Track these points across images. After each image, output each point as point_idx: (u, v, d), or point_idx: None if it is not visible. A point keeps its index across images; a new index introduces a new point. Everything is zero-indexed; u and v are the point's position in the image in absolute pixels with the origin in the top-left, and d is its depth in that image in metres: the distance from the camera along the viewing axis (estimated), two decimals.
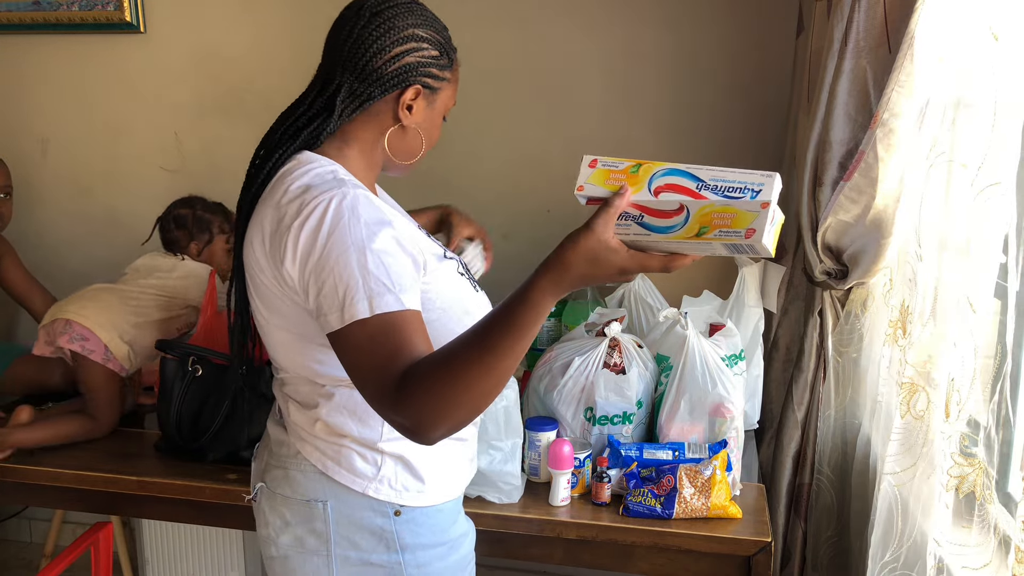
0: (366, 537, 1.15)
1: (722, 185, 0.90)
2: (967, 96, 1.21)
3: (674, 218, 0.90)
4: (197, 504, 1.61)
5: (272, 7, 2.26)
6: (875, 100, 1.41)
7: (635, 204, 0.92)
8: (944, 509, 1.17)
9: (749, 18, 2.05)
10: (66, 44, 2.39)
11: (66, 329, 1.74)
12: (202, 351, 1.67)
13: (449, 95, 1.19)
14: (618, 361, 1.55)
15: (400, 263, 1.00)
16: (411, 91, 1.12)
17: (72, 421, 1.75)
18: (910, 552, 1.28)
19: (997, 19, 1.11)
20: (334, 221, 1.00)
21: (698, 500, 1.43)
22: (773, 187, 0.89)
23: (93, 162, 2.46)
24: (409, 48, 1.11)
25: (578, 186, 0.96)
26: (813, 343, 1.68)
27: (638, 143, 2.17)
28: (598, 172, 0.96)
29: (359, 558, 1.15)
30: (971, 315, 1.12)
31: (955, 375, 1.15)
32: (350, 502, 1.14)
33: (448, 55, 1.16)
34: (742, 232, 0.87)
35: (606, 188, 0.94)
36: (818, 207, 1.56)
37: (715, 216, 0.89)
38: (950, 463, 1.14)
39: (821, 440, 1.70)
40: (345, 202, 1.01)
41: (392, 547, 1.15)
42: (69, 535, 2.68)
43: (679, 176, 0.92)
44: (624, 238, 0.91)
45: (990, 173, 1.09)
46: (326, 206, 1.01)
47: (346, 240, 0.98)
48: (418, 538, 1.16)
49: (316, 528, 1.15)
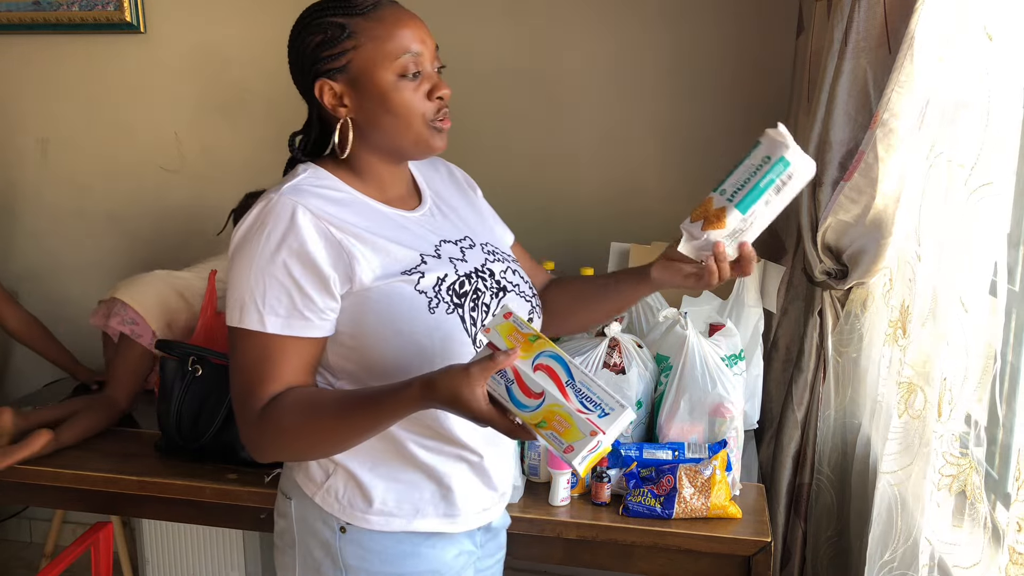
0: (317, 547, 1.14)
1: (584, 391, 0.96)
2: (963, 96, 1.21)
3: (532, 399, 0.96)
4: (197, 504, 1.61)
5: (272, 7, 2.26)
6: (875, 100, 1.41)
7: (514, 368, 0.97)
8: (938, 508, 1.17)
9: (749, 18, 2.05)
10: (66, 44, 2.39)
11: (120, 310, 1.86)
12: (202, 351, 1.67)
13: (366, 58, 1.06)
14: (618, 361, 1.55)
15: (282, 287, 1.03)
16: (317, 88, 1.09)
17: (93, 413, 1.78)
18: (908, 551, 1.28)
19: (991, 19, 1.11)
20: (250, 224, 1.05)
21: (698, 500, 1.43)
22: (615, 423, 0.94)
23: (93, 162, 2.46)
24: (298, 55, 1.10)
25: (486, 328, 1.03)
26: (813, 343, 1.68)
27: (637, 143, 2.17)
28: (507, 325, 1.02)
29: (314, 566, 1.14)
30: (963, 314, 1.12)
31: (947, 374, 1.15)
32: (306, 505, 1.15)
33: (332, 30, 1.06)
34: (564, 444, 0.93)
35: (505, 342, 1.00)
36: (818, 207, 1.56)
37: (557, 417, 0.94)
38: (942, 462, 1.14)
39: (821, 440, 1.70)
40: (267, 208, 1.04)
41: (337, 564, 1.12)
42: (69, 535, 2.68)
43: (560, 364, 0.98)
44: (491, 391, 0.97)
45: (983, 173, 1.09)
46: (255, 209, 1.06)
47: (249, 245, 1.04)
48: (364, 563, 1.12)
49: (287, 526, 1.17)
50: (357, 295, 1.06)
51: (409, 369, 1.04)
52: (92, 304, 2.57)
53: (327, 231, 1.05)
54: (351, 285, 1.05)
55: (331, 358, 1.11)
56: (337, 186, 1.11)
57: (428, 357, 1.06)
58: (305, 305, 1.04)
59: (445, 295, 1.09)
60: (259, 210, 1.05)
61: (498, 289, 1.16)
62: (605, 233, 2.10)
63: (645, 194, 2.18)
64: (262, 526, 1.59)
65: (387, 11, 1.07)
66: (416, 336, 1.06)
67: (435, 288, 1.09)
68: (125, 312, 1.86)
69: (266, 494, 1.55)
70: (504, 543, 1.33)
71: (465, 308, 1.10)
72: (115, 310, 1.87)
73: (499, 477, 1.20)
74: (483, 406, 0.96)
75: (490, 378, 0.96)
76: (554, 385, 0.97)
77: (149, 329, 1.85)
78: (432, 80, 1.10)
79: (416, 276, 1.08)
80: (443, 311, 1.08)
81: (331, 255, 1.04)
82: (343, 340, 1.09)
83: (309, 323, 1.05)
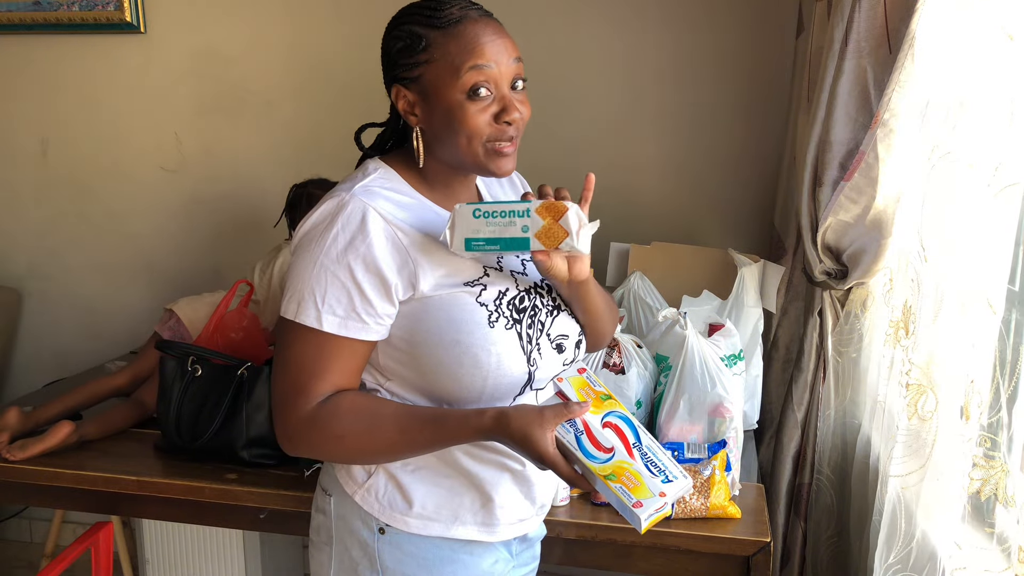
0: (356, 546, 1.13)
1: (650, 456, 1.03)
2: (976, 96, 1.20)
3: (601, 452, 1.01)
4: (197, 504, 1.61)
5: (272, 7, 2.26)
6: (875, 100, 1.41)
7: (584, 421, 1.03)
8: (955, 511, 1.16)
9: (750, 18, 2.05)
10: (66, 44, 2.39)
11: (168, 319, 1.94)
12: (202, 351, 1.67)
13: (437, 74, 1.04)
14: (617, 361, 1.55)
15: (344, 288, 1.03)
16: (393, 93, 1.10)
17: (122, 412, 1.80)
18: (915, 554, 1.27)
19: (1010, 20, 1.10)
20: (313, 221, 1.06)
21: (697, 500, 1.43)
22: (677, 491, 1.01)
23: (93, 162, 2.46)
24: (383, 54, 1.11)
25: (559, 377, 1.10)
26: (813, 343, 1.68)
27: (638, 143, 2.17)
28: (580, 379, 1.09)
29: (351, 565, 1.14)
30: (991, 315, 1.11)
31: (974, 376, 1.14)
32: (346, 503, 1.14)
33: (411, 39, 1.05)
34: (633, 499, 0.98)
35: (576, 395, 1.07)
36: (818, 207, 1.56)
37: (627, 474, 1.00)
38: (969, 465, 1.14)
39: (821, 440, 1.70)
40: (337, 207, 1.05)
41: (375, 566, 1.12)
42: (69, 535, 2.68)
43: (629, 427, 1.05)
44: (560, 437, 1.01)
45: (1007, 174, 1.08)
46: (324, 206, 1.06)
47: (315, 243, 1.04)
48: (401, 566, 1.11)
49: (325, 522, 1.16)
50: (418, 302, 1.06)
51: (461, 379, 1.05)
52: (92, 304, 2.58)
53: (395, 237, 1.05)
54: (413, 292, 1.05)
55: (382, 360, 1.10)
56: (406, 190, 1.11)
57: (483, 370, 1.06)
58: (364, 308, 1.04)
59: (505, 310, 1.09)
60: (330, 208, 1.05)
61: (554, 307, 1.15)
62: (605, 233, 2.10)
63: (645, 194, 2.18)
64: (262, 526, 1.59)
65: (468, 27, 1.04)
66: (474, 348, 1.05)
67: (496, 301, 1.08)
68: (171, 320, 1.94)
69: (266, 494, 1.55)
70: (538, 554, 1.32)
71: (523, 324, 1.10)
72: (167, 319, 1.95)
73: (540, 488, 1.19)
74: (551, 449, 0.99)
75: (560, 425, 1.00)
76: (622, 444, 1.03)
77: (191, 339, 1.87)
78: (503, 102, 1.06)
79: (478, 288, 1.08)
80: (502, 326, 1.07)
81: (397, 262, 1.04)
82: (398, 344, 1.08)
83: (366, 326, 1.04)
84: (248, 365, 1.63)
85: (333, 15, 2.24)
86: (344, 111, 1.60)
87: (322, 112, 2.27)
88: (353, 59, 2.22)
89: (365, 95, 1.31)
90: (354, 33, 2.20)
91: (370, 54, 1.16)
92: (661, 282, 1.86)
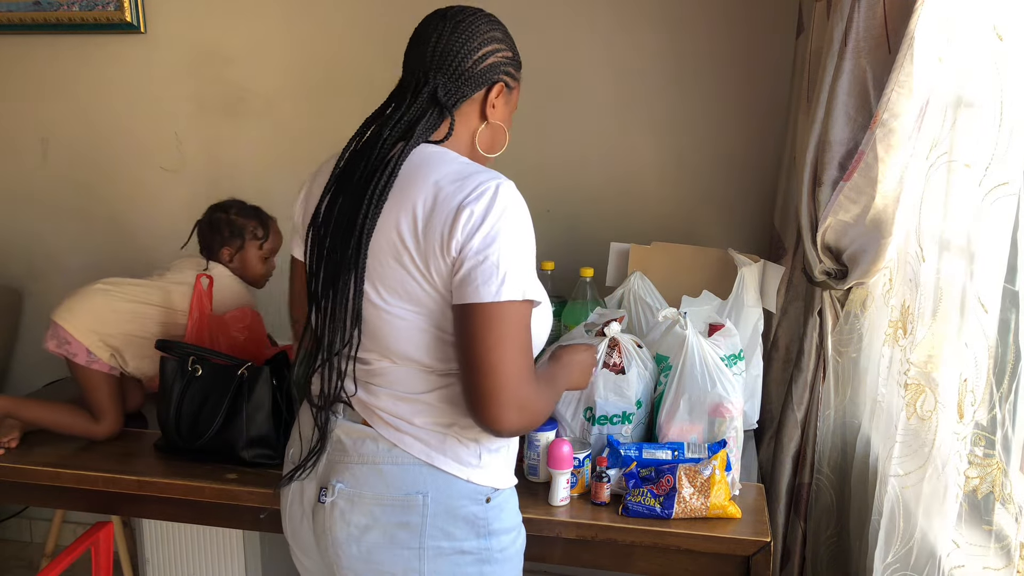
0: (460, 526, 1.18)
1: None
2: (969, 96, 1.21)
3: None
4: (197, 504, 1.61)
5: (272, 7, 2.26)
6: (875, 100, 1.41)
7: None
8: (952, 509, 1.16)
9: (749, 18, 2.05)
10: (66, 44, 2.39)
11: (54, 332, 1.72)
12: (202, 351, 1.67)
13: (518, 96, 1.30)
14: (617, 361, 1.55)
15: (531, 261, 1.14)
16: (496, 88, 1.22)
17: (73, 412, 1.75)
18: (914, 553, 1.27)
19: (1001, 18, 1.11)
20: (504, 203, 1.09)
21: (697, 500, 1.43)
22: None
23: (93, 162, 2.46)
24: (492, 49, 1.21)
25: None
26: (813, 343, 1.68)
27: (638, 143, 2.17)
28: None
29: (451, 547, 1.18)
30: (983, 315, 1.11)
31: (968, 375, 1.14)
32: (450, 491, 1.17)
33: (518, 58, 1.27)
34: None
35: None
36: (818, 207, 1.56)
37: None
38: (965, 464, 1.14)
39: (821, 440, 1.70)
40: (511, 190, 1.11)
41: (482, 533, 1.19)
42: (69, 535, 2.68)
43: None
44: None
45: (997, 173, 1.09)
46: (495, 189, 1.10)
47: (516, 224, 1.10)
48: (501, 523, 1.22)
49: (411, 522, 1.16)
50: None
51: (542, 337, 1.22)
52: None
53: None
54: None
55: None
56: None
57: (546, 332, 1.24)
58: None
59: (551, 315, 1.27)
60: (511, 190, 1.12)
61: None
62: (605, 233, 2.10)
63: (645, 194, 2.18)
64: (262, 526, 1.59)
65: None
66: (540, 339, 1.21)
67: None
68: (56, 333, 1.72)
69: (266, 494, 1.55)
70: None
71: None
72: (51, 332, 1.73)
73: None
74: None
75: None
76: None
77: (82, 347, 1.70)
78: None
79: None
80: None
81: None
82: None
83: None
84: (248, 365, 1.63)
85: (333, 15, 2.24)
86: (344, 111, 1.60)
87: (322, 112, 2.27)
88: (353, 59, 2.23)
89: (365, 95, 1.32)
90: (354, 33, 2.20)
91: (370, 54, 1.16)
92: (661, 282, 1.86)
